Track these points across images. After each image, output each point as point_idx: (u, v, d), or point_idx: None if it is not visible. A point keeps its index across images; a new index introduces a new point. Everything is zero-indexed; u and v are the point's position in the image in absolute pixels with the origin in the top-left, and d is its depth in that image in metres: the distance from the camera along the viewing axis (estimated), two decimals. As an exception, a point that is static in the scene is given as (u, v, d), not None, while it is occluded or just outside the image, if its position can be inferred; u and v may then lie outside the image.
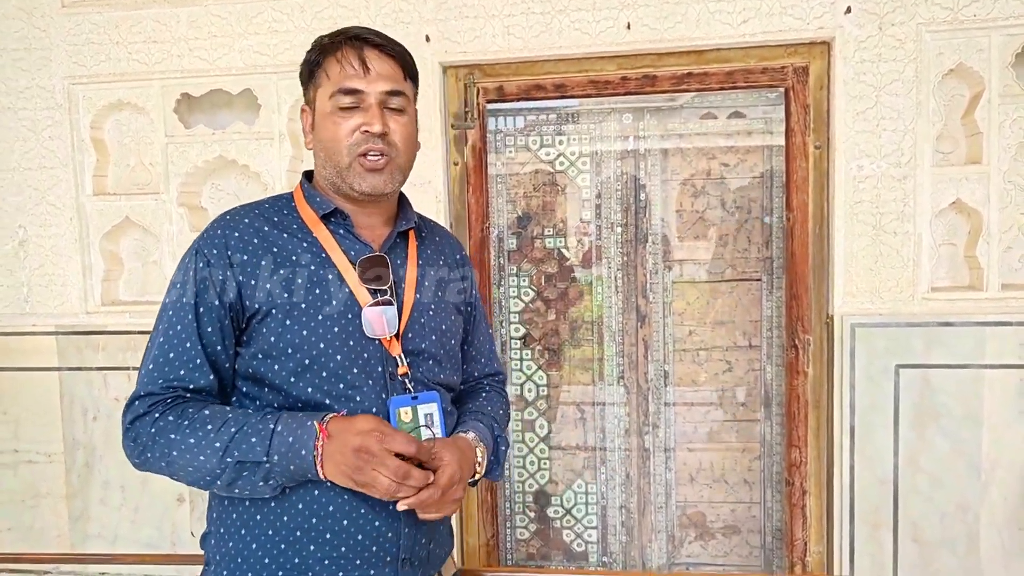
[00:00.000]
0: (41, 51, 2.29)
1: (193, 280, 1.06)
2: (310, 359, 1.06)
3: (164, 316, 1.08)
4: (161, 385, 1.05)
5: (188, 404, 1.05)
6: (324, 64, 1.12)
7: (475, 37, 2.14)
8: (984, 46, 1.98)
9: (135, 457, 1.06)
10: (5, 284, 2.38)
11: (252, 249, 1.08)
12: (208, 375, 1.06)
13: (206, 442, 1.00)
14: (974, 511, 2.06)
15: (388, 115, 1.10)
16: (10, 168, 2.34)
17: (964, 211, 2.07)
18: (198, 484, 1.04)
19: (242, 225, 1.10)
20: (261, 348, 1.06)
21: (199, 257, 1.07)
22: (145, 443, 1.03)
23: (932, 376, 2.05)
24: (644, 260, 2.47)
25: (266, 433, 1.00)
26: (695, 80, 2.15)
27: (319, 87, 1.13)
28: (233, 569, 1.09)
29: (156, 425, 1.03)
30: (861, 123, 2.03)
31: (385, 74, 1.10)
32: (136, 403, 1.06)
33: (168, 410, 1.04)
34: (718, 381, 2.47)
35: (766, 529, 2.49)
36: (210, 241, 1.08)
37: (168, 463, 1.03)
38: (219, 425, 1.01)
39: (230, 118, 2.33)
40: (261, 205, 1.17)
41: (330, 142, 1.10)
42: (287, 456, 0.99)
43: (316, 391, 1.06)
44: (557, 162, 2.50)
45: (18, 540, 2.42)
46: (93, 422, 2.37)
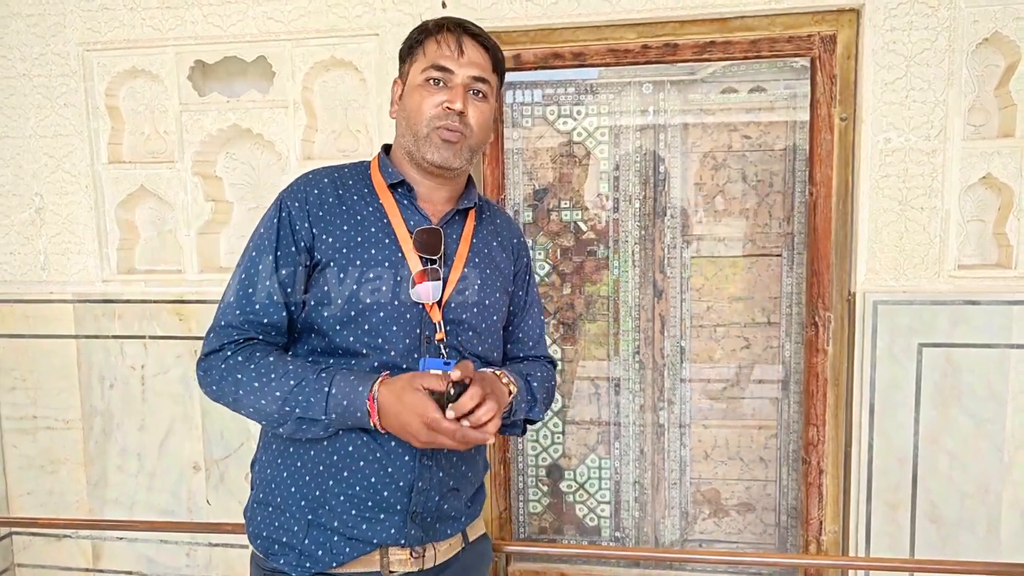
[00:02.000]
0: (55, 17, 2.27)
1: (276, 227, 1.17)
2: (356, 311, 1.15)
3: (247, 256, 1.19)
4: (239, 317, 1.15)
5: (256, 347, 1.14)
6: (424, 43, 1.22)
7: (492, 3, 2.09)
8: (1022, 14, 1.90)
9: (206, 387, 1.16)
10: (22, 252, 2.39)
11: (328, 207, 1.19)
12: (281, 311, 1.16)
13: (268, 389, 1.10)
14: (995, 492, 2.02)
15: (470, 99, 1.20)
16: (26, 135, 2.33)
17: (995, 186, 2.01)
18: (263, 423, 1.15)
19: (321, 184, 1.21)
20: (315, 296, 1.16)
21: (282, 207, 1.19)
22: (215, 378, 1.14)
23: (956, 355, 2.00)
24: (662, 234, 2.43)
25: (322, 395, 1.09)
26: (718, 49, 2.09)
27: (415, 62, 1.22)
28: (267, 494, 1.22)
29: (227, 362, 1.13)
30: (890, 94, 1.97)
31: (476, 61, 1.20)
32: (211, 335, 1.16)
33: (239, 350, 1.13)
34: (735, 358, 2.44)
35: (781, 507, 2.47)
36: (293, 195, 1.20)
37: (235, 400, 1.13)
38: (280, 375, 1.10)
39: (244, 86, 2.30)
40: (341, 169, 1.27)
41: (414, 111, 1.20)
42: (344, 415, 1.09)
43: (356, 341, 1.15)
44: (575, 134, 2.46)
45: (38, 505, 2.46)
46: (110, 390, 2.39)
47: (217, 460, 2.36)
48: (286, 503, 1.19)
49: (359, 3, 2.14)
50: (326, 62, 2.20)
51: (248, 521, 1.25)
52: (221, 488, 2.37)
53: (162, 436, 2.38)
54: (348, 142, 2.25)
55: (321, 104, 2.27)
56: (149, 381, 2.36)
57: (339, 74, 2.24)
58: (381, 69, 2.15)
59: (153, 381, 2.36)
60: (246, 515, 1.27)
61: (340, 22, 2.15)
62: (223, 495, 2.37)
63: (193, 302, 2.31)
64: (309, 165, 2.20)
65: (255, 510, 1.24)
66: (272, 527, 1.20)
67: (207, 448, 2.36)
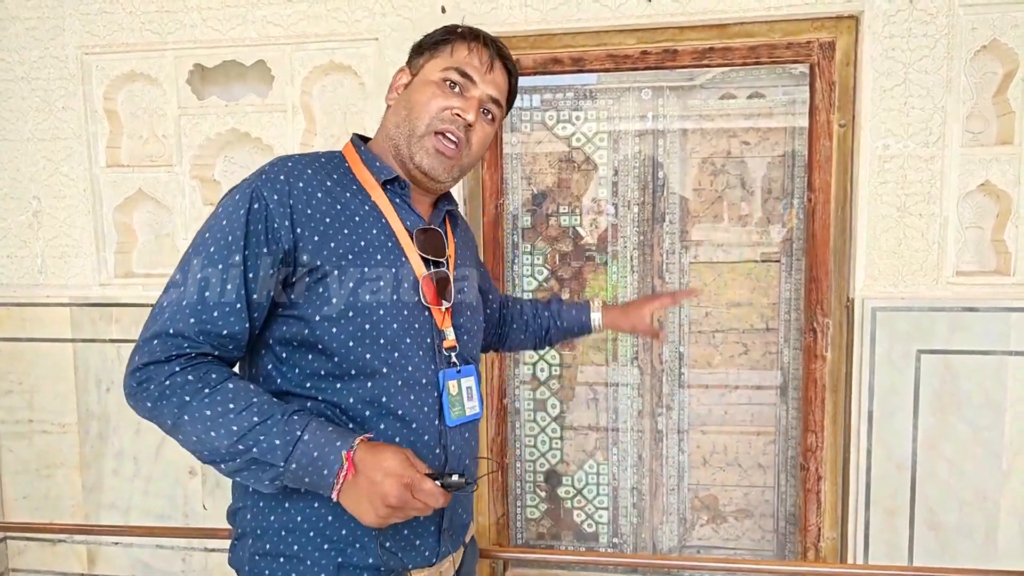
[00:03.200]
0: (54, 20, 2.27)
1: (244, 220, 0.99)
2: (370, 324, 1.03)
3: (203, 251, 1.00)
4: (193, 326, 0.97)
5: (211, 367, 0.98)
6: (453, 43, 1.15)
7: (492, 9, 2.09)
8: (1020, 21, 1.90)
9: (141, 403, 0.98)
10: (19, 255, 2.38)
11: (316, 203, 1.04)
12: (244, 322, 1.00)
13: (223, 420, 0.94)
14: (994, 499, 2.02)
15: (480, 116, 1.15)
16: (24, 139, 2.33)
17: (993, 193, 2.01)
18: (200, 456, 0.99)
19: (306, 176, 1.05)
20: (321, 311, 1.02)
21: (256, 198, 1.01)
22: (156, 395, 0.96)
23: (954, 362, 2.00)
24: (661, 240, 2.43)
25: (291, 439, 0.95)
26: (717, 55, 2.09)
27: (435, 57, 1.15)
28: (275, 544, 1.08)
29: (173, 379, 0.96)
30: (888, 101, 1.97)
31: (498, 83, 1.17)
32: (154, 342, 0.97)
33: (189, 367, 0.97)
34: (734, 364, 2.44)
35: (779, 514, 2.46)
36: (271, 185, 1.02)
37: (174, 424, 0.97)
38: (241, 407, 0.95)
39: (243, 90, 2.30)
40: (317, 158, 1.11)
41: (420, 107, 1.11)
42: (306, 468, 0.95)
43: (374, 358, 1.04)
44: (574, 139, 2.46)
45: (32, 509, 2.45)
46: (107, 393, 2.38)
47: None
48: (305, 550, 1.06)
49: (359, 8, 2.14)
50: (325, 66, 2.20)
51: (248, 574, 1.10)
52: (217, 493, 2.36)
53: (158, 440, 2.37)
54: (347, 146, 2.25)
55: (320, 108, 2.27)
56: (146, 385, 2.35)
57: (338, 78, 2.24)
58: (380, 73, 2.15)
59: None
60: (243, 567, 1.12)
61: (339, 26, 2.15)
62: (219, 500, 2.36)
63: (190, 306, 2.30)
64: (308, 169, 2.20)
65: (258, 562, 1.09)
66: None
67: (204, 453, 2.35)
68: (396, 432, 1.07)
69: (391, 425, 1.07)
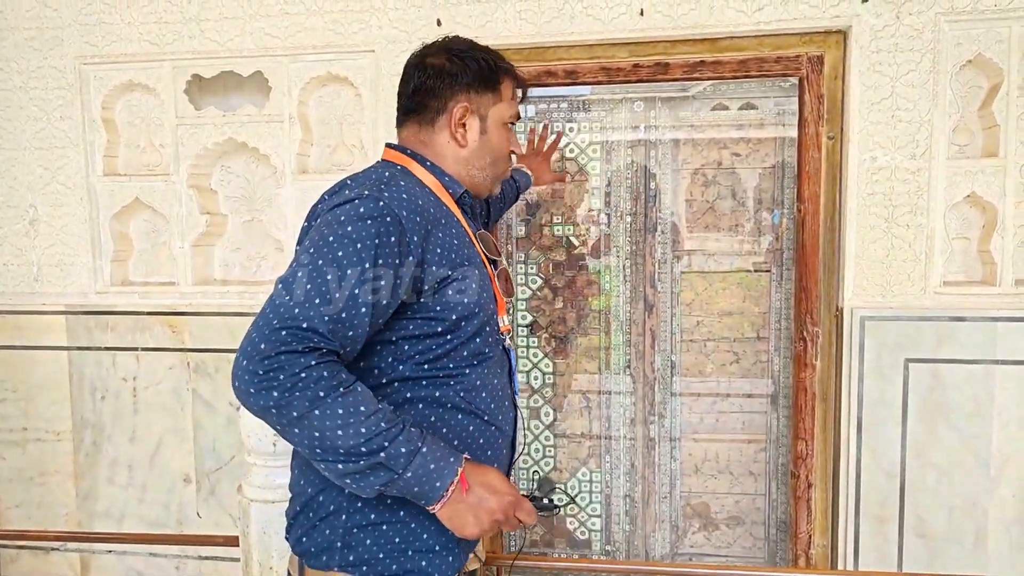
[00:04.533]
0: (53, 31, 2.29)
1: (376, 230, 1.04)
2: (486, 316, 1.18)
3: (331, 254, 1.02)
4: (327, 324, 0.99)
5: (340, 368, 1.01)
6: (502, 83, 1.27)
7: (487, 22, 2.12)
8: (1004, 37, 1.94)
9: (265, 392, 0.96)
10: (15, 263, 2.39)
11: (434, 220, 1.13)
12: (366, 325, 1.03)
13: (354, 420, 0.97)
14: (982, 507, 2.04)
15: None
16: (21, 147, 2.34)
17: (979, 205, 2.05)
18: (313, 452, 0.99)
19: (417, 194, 1.14)
20: (456, 311, 1.12)
21: (388, 211, 1.06)
22: (288, 384, 0.95)
23: (942, 371, 2.03)
24: (653, 249, 2.46)
25: (413, 448, 1.00)
26: (708, 68, 2.12)
27: (499, 100, 1.26)
28: (383, 510, 1.12)
29: (309, 372, 0.96)
30: (876, 114, 2.01)
31: None
32: (284, 333, 0.97)
33: (324, 363, 0.98)
34: (725, 372, 2.46)
35: (770, 521, 2.48)
36: (399, 202, 1.08)
37: (300, 416, 0.97)
38: (372, 411, 0.99)
39: (240, 100, 2.33)
40: (405, 177, 1.18)
41: (499, 151, 1.28)
42: (420, 479, 1.01)
43: (483, 343, 1.18)
44: (567, 150, 2.48)
45: (26, 517, 2.45)
46: (101, 401, 2.38)
47: (208, 472, 2.36)
48: (411, 514, 1.12)
49: (355, 20, 2.17)
50: (322, 77, 2.23)
51: (343, 549, 1.12)
52: (211, 501, 2.36)
53: (153, 448, 2.38)
54: (343, 156, 2.27)
55: (317, 118, 2.29)
56: (141, 393, 2.36)
57: (335, 89, 2.27)
58: (376, 85, 2.17)
59: (145, 393, 2.36)
60: (335, 546, 1.13)
61: (336, 38, 2.18)
62: (213, 508, 2.36)
63: (186, 314, 2.32)
64: (304, 179, 2.22)
65: (356, 534, 1.12)
66: (393, 543, 1.12)
67: (198, 460, 2.36)
68: (492, 400, 1.20)
69: (489, 394, 1.20)
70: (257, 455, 1.61)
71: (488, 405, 1.19)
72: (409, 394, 1.13)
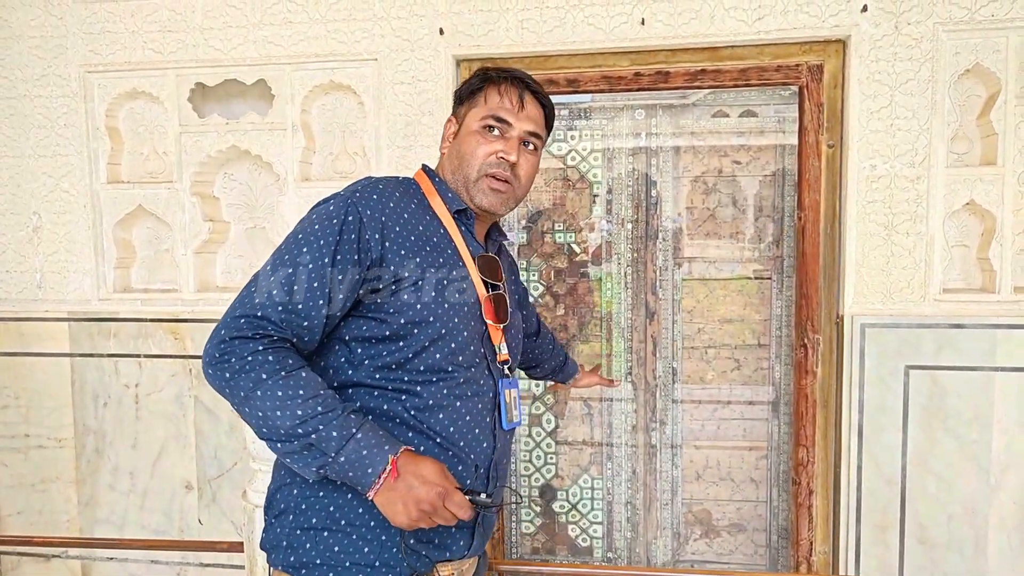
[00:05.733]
0: (57, 39, 2.31)
1: (338, 228, 1.11)
2: (446, 330, 1.16)
3: (294, 248, 1.12)
4: (280, 313, 1.08)
5: (289, 354, 1.07)
6: (486, 90, 1.27)
7: (489, 31, 2.14)
8: (1001, 47, 1.96)
9: (219, 372, 1.06)
10: (19, 270, 2.40)
11: (403, 223, 1.17)
12: (323, 318, 1.10)
13: (291, 403, 1.03)
14: (982, 514, 2.05)
15: (522, 151, 1.26)
16: (25, 155, 2.35)
17: (978, 212, 2.06)
18: (259, 432, 1.07)
19: (395, 197, 1.19)
20: (406, 315, 1.13)
21: (352, 210, 1.13)
22: (236, 367, 1.05)
23: (942, 378, 2.04)
24: (654, 257, 2.47)
25: (347, 434, 1.04)
26: (708, 77, 2.14)
27: (474, 107, 1.27)
28: (322, 518, 1.15)
29: (255, 356, 1.05)
30: (875, 122, 2.02)
31: (533, 117, 1.27)
32: (241, 320, 1.07)
33: (271, 348, 1.06)
34: (726, 379, 2.47)
35: (772, 528, 2.48)
36: (365, 201, 1.15)
37: (246, 396, 1.05)
38: (309, 395, 1.04)
39: (243, 108, 2.34)
40: (400, 184, 1.25)
41: (468, 156, 1.25)
42: (352, 464, 1.04)
43: (442, 358, 1.16)
44: (569, 158, 2.50)
45: (27, 524, 2.45)
46: (104, 408, 2.39)
47: (210, 479, 2.36)
48: (352, 524, 1.14)
49: (358, 29, 2.19)
50: (325, 86, 2.24)
51: (287, 549, 1.16)
52: (213, 508, 2.37)
53: (155, 455, 2.38)
54: (346, 164, 2.28)
55: (319, 126, 2.30)
56: (143, 400, 2.37)
57: (337, 97, 2.28)
58: (379, 93, 2.19)
59: (147, 400, 2.37)
60: (280, 543, 1.17)
61: (339, 47, 2.20)
62: (215, 515, 2.37)
63: (189, 321, 2.32)
64: (307, 186, 2.23)
65: (298, 536, 1.15)
66: (331, 552, 1.14)
67: (200, 467, 2.36)
68: (452, 423, 1.18)
69: (448, 416, 1.17)
70: (261, 461, 1.61)
71: (445, 428, 1.16)
72: (359, 403, 1.14)
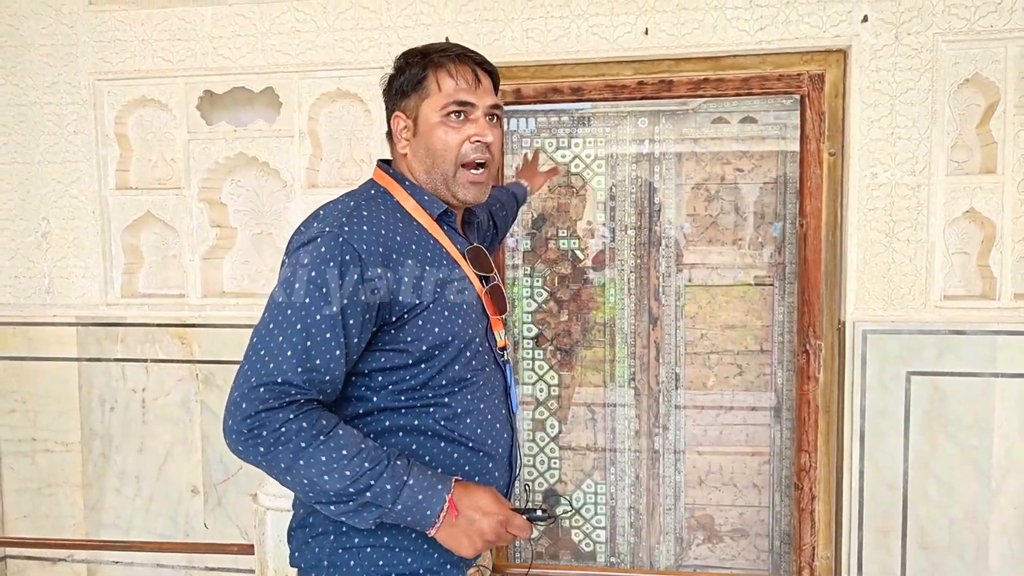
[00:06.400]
0: (68, 47, 2.33)
1: (339, 271, 1.05)
2: (464, 344, 1.15)
3: (299, 303, 1.04)
4: (300, 375, 1.03)
5: (321, 415, 1.04)
6: (435, 76, 1.17)
7: (494, 40, 2.17)
8: (1000, 57, 1.99)
9: (252, 449, 1.02)
10: (27, 275, 2.42)
11: (398, 245, 1.11)
12: (343, 367, 1.06)
13: (338, 466, 1.01)
14: (984, 519, 2.06)
15: (489, 126, 1.20)
16: (35, 161, 2.38)
17: (978, 220, 2.08)
18: (307, 498, 1.05)
19: (381, 221, 1.12)
20: (427, 341, 1.10)
21: (347, 248, 1.06)
22: (271, 441, 1.00)
23: (943, 383, 2.05)
24: (657, 263, 2.49)
25: (399, 483, 1.03)
26: (711, 86, 2.17)
27: (427, 97, 1.18)
28: (367, 535, 1.14)
29: (288, 426, 1.00)
30: (876, 131, 2.05)
31: (489, 89, 1.21)
32: (262, 390, 1.02)
33: (302, 414, 1.02)
34: (728, 385, 2.49)
35: (774, 533, 2.50)
36: (359, 235, 1.08)
37: (287, 467, 1.02)
38: (353, 453, 1.02)
39: (251, 115, 2.36)
40: (374, 200, 1.17)
41: (441, 151, 1.17)
42: (410, 510, 1.04)
43: (463, 369, 1.15)
44: (572, 164, 2.52)
45: (34, 528, 2.46)
46: (110, 412, 2.40)
47: (216, 484, 2.37)
48: (395, 539, 1.14)
49: (365, 38, 2.22)
50: (332, 93, 2.27)
51: (329, 568, 1.15)
52: (219, 512, 2.38)
53: (161, 459, 2.39)
54: (352, 171, 2.31)
55: (326, 133, 2.33)
56: (150, 404, 2.39)
57: (344, 105, 2.31)
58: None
59: (154, 404, 2.38)
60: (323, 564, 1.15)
61: (346, 55, 2.22)
62: (220, 519, 2.38)
63: (195, 326, 2.34)
64: (313, 192, 2.25)
65: (342, 555, 1.14)
66: (376, 566, 1.13)
67: (206, 472, 2.37)
68: (479, 425, 1.18)
69: (475, 420, 1.17)
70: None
71: (474, 431, 1.17)
72: (388, 422, 1.13)
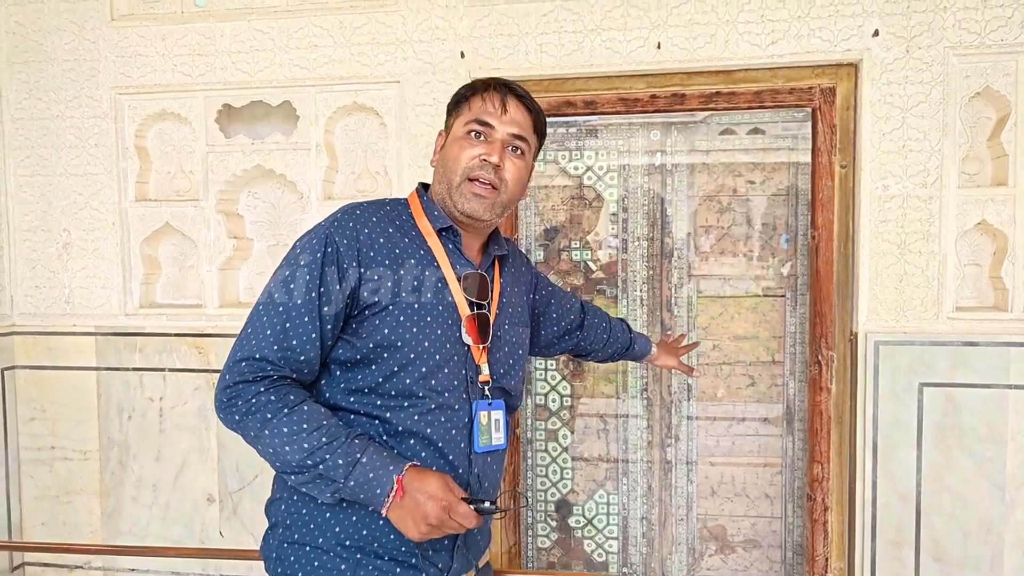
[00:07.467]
0: (90, 62, 2.38)
1: (320, 261, 1.15)
2: (415, 354, 1.17)
3: (283, 287, 1.16)
4: (276, 353, 1.13)
5: (291, 390, 1.13)
6: (470, 99, 1.27)
7: (509, 54, 2.20)
8: (1011, 70, 2.00)
9: (229, 416, 1.13)
10: (48, 285, 2.46)
11: (378, 247, 1.19)
12: (318, 350, 1.15)
13: (297, 438, 1.09)
14: (998, 531, 2.06)
15: (508, 154, 1.25)
16: (56, 174, 2.42)
17: (989, 232, 2.09)
18: (273, 465, 1.14)
19: (370, 223, 1.21)
20: (374, 338, 1.16)
21: (328, 242, 1.17)
22: (241, 409, 1.11)
23: (956, 395, 2.06)
24: (669, 274, 2.50)
25: (352, 460, 1.09)
26: (723, 99, 2.19)
27: (459, 116, 1.27)
28: (303, 534, 1.20)
29: (259, 398, 1.11)
30: (887, 143, 2.06)
31: (517, 120, 1.25)
32: (243, 364, 1.13)
33: (272, 388, 1.12)
34: (741, 396, 2.49)
35: (787, 544, 2.49)
36: (342, 231, 1.18)
37: (256, 435, 1.12)
38: (313, 428, 1.10)
39: (268, 129, 2.40)
40: (383, 206, 1.27)
41: (451, 161, 1.24)
42: (362, 486, 1.09)
43: (412, 383, 1.17)
44: (585, 177, 2.55)
45: (51, 535, 2.48)
46: (128, 421, 2.43)
47: (231, 492, 2.40)
48: (329, 543, 1.18)
49: (381, 52, 2.25)
50: (348, 107, 2.30)
51: (276, 561, 1.22)
52: (234, 520, 2.40)
53: (178, 467, 2.42)
54: (367, 183, 2.34)
55: (342, 146, 2.36)
56: (167, 413, 2.41)
57: (360, 118, 2.34)
58: (401, 114, 2.25)
59: (171, 413, 2.41)
60: (271, 555, 1.23)
61: (363, 69, 2.26)
62: (236, 527, 2.40)
63: (212, 336, 2.37)
64: (329, 204, 2.28)
65: (285, 549, 1.21)
66: (311, 567, 1.18)
67: (222, 480, 2.40)
68: (423, 448, 1.19)
69: (420, 442, 1.19)
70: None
71: (417, 454, 1.18)
72: (342, 421, 1.17)
